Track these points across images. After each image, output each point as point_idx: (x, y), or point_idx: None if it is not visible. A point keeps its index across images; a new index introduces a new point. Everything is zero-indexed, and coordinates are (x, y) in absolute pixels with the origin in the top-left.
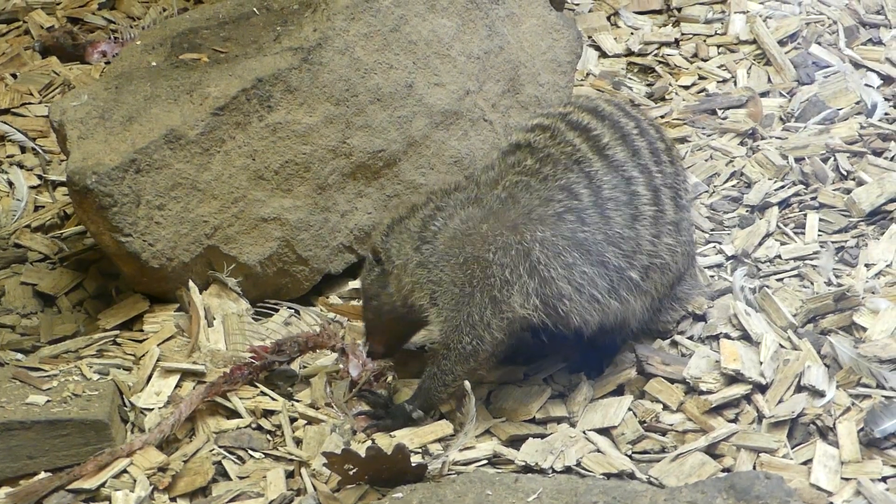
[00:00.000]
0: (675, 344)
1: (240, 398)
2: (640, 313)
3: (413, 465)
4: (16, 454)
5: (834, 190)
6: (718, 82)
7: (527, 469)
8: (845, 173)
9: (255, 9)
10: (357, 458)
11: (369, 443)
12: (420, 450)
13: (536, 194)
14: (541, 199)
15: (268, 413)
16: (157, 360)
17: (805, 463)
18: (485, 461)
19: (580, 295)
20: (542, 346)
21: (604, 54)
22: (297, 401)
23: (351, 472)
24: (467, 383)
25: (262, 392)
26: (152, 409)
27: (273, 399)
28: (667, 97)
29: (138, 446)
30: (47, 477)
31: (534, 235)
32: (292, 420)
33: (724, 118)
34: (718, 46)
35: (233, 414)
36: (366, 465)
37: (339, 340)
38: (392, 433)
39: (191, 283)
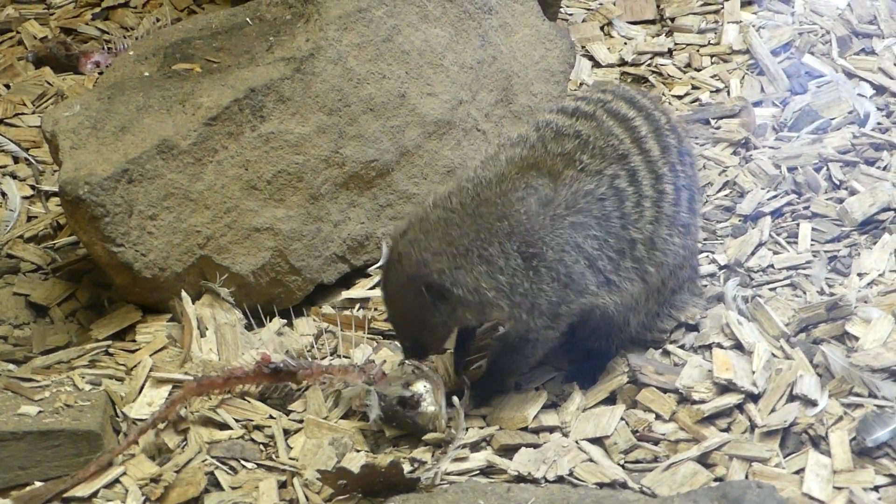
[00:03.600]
0: (667, 353)
1: (236, 406)
2: (639, 312)
3: (406, 477)
4: (7, 465)
5: (826, 199)
6: (712, 92)
7: (519, 479)
8: (838, 183)
9: (247, 19)
10: (350, 475)
11: (363, 456)
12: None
13: (584, 187)
14: (588, 192)
15: (262, 424)
16: (150, 371)
17: (797, 472)
18: (477, 471)
19: (608, 285)
20: None
21: (597, 64)
22: (292, 411)
23: (344, 487)
24: (455, 399)
25: (260, 399)
26: (145, 419)
27: (267, 411)
28: None
29: (134, 437)
30: (50, 482)
31: (583, 226)
32: (286, 432)
33: (717, 128)
34: (711, 56)
35: (225, 424)
36: (359, 480)
37: (369, 378)
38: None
39: (183, 294)
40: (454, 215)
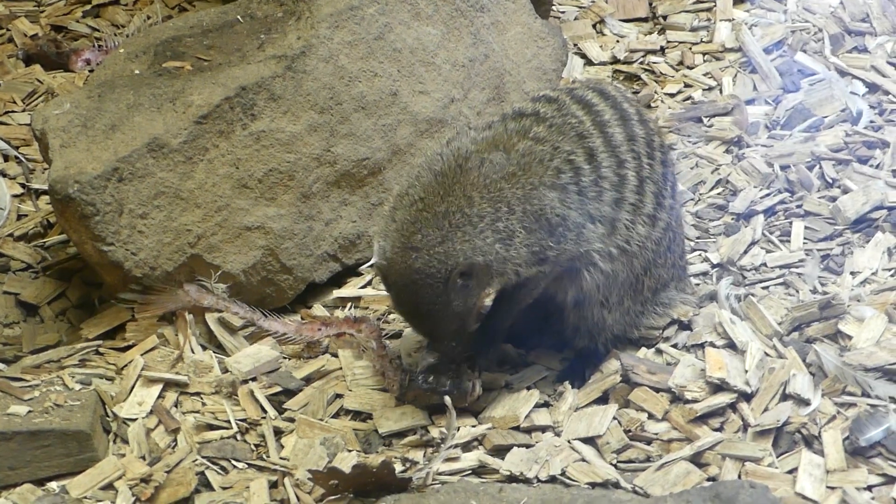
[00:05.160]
0: (659, 352)
1: (231, 409)
2: (613, 309)
3: (397, 477)
4: None
5: (819, 198)
6: (704, 90)
7: (511, 479)
8: (831, 181)
9: (238, 17)
10: (342, 475)
11: (355, 456)
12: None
13: (546, 162)
14: (550, 167)
15: (253, 423)
16: (141, 370)
17: (790, 472)
18: (469, 471)
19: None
20: (524, 355)
21: (589, 62)
22: (287, 409)
23: (336, 487)
24: (447, 398)
25: (252, 398)
26: (135, 419)
27: (262, 408)
28: (652, 105)
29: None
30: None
31: (549, 198)
32: (277, 431)
33: (710, 126)
34: (704, 54)
35: (216, 424)
36: (351, 480)
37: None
38: None
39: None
40: (430, 199)
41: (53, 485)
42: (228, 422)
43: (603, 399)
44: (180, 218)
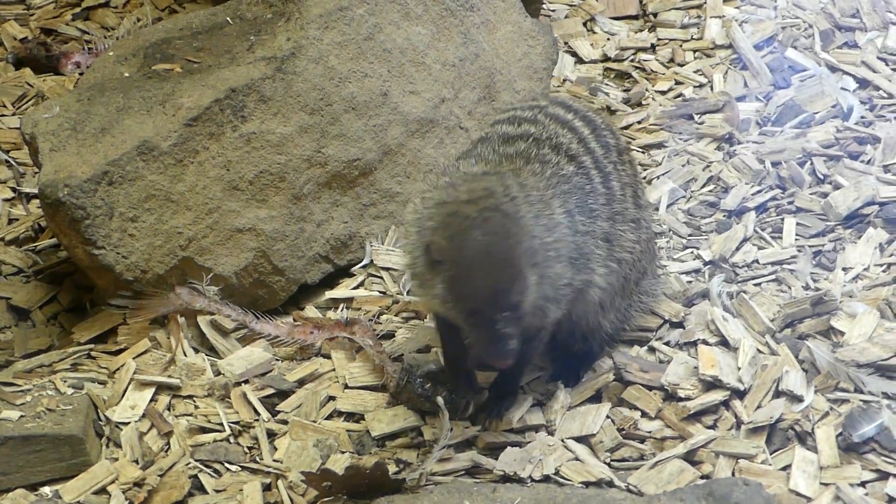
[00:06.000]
0: (652, 350)
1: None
2: (609, 311)
3: (391, 478)
4: None
5: (811, 194)
6: (695, 87)
7: (505, 478)
8: (822, 177)
9: (228, 18)
10: (335, 477)
11: (348, 457)
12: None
13: (545, 182)
14: (552, 187)
15: (246, 426)
16: (133, 374)
17: (784, 468)
18: (462, 471)
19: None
20: None
21: (580, 60)
22: (280, 411)
23: (329, 489)
24: (440, 399)
25: (245, 401)
26: (128, 422)
27: (255, 411)
28: (643, 102)
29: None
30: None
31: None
32: (270, 434)
33: (701, 123)
34: (695, 51)
35: (209, 427)
36: (344, 482)
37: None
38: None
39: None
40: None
41: (46, 490)
42: (221, 424)
43: (596, 398)
44: (171, 220)
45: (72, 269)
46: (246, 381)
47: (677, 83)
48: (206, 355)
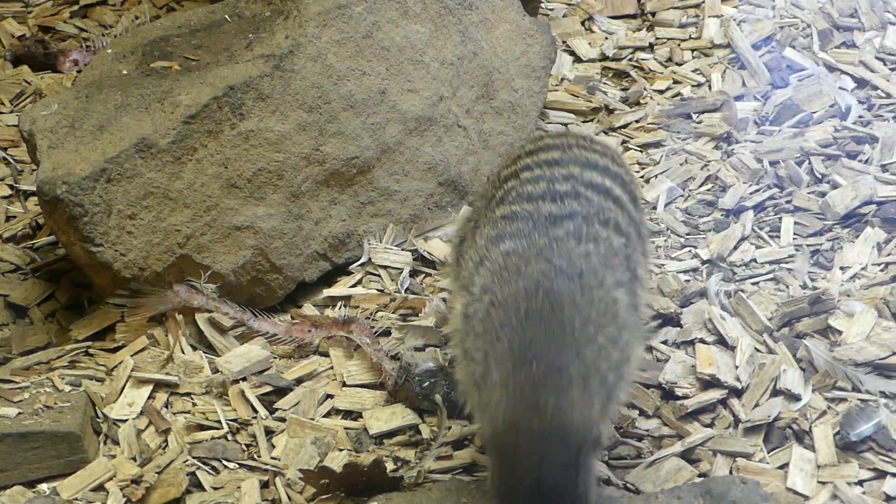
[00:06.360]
0: (650, 349)
1: (221, 409)
2: None
3: (389, 476)
4: None
5: (809, 193)
6: (693, 86)
7: None
8: (820, 176)
9: (226, 16)
10: (333, 474)
11: (346, 455)
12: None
13: (611, 245)
14: (615, 250)
15: (244, 423)
16: (131, 371)
17: (781, 467)
18: (461, 469)
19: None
20: None
21: (578, 59)
22: (278, 409)
23: (327, 487)
24: (438, 397)
25: (243, 398)
26: (125, 419)
27: (253, 408)
28: (641, 101)
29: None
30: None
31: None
32: (268, 431)
33: (699, 122)
34: (693, 50)
35: (207, 425)
36: (342, 479)
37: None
38: None
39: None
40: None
41: (44, 487)
42: (219, 422)
43: None
44: (169, 218)
45: (69, 266)
46: (244, 379)
47: (675, 82)
48: (204, 353)
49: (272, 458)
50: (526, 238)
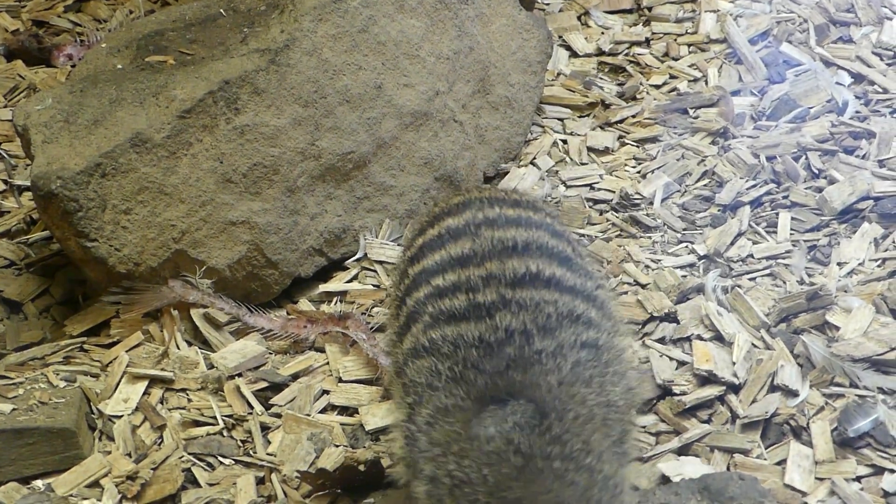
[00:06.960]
0: (646, 346)
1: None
2: None
3: (385, 473)
4: None
5: (806, 188)
6: (689, 81)
7: None
8: (817, 172)
9: (221, 10)
10: (331, 475)
11: (342, 451)
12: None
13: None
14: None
15: (239, 419)
16: (126, 367)
17: (779, 463)
18: None
19: None
20: None
21: (574, 54)
22: (274, 405)
23: (324, 484)
24: None
25: (239, 394)
26: (120, 415)
27: (248, 404)
28: (638, 96)
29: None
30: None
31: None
32: (264, 427)
33: (696, 117)
34: (689, 45)
35: (202, 421)
36: (340, 480)
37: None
38: None
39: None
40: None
41: (39, 483)
42: (214, 418)
43: None
44: (164, 213)
45: (64, 261)
46: (239, 375)
47: (672, 77)
48: (200, 348)
49: (268, 454)
50: (461, 386)
